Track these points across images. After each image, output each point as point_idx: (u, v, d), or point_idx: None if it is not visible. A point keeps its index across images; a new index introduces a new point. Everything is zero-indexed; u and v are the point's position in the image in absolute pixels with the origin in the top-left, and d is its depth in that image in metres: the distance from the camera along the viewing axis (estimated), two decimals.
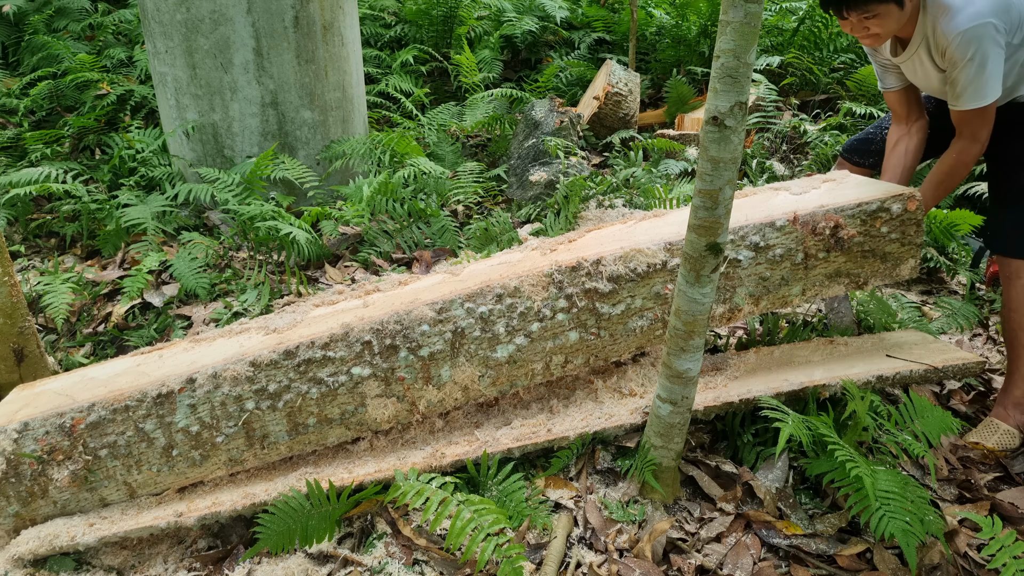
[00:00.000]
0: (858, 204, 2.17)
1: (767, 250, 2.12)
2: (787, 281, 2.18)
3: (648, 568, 1.75)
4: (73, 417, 1.80)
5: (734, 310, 2.16)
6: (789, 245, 2.14)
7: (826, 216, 2.14)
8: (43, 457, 1.80)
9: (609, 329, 2.06)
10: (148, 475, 1.87)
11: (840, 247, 2.17)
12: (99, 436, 1.81)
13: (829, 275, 2.21)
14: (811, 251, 2.16)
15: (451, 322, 1.93)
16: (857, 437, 1.98)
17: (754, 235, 2.11)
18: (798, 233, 2.13)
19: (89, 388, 1.88)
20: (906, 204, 2.19)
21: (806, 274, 2.18)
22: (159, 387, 1.82)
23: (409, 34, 5.91)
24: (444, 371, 1.95)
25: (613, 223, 2.33)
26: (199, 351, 1.95)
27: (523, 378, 2.04)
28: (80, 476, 1.82)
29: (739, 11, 1.40)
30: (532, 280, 2.00)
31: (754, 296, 2.16)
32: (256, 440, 1.90)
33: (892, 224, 2.20)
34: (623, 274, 2.03)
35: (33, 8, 5.37)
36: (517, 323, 1.98)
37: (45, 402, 1.86)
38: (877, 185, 2.30)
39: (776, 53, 5.18)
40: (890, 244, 2.22)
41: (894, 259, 2.25)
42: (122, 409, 1.81)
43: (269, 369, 1.86)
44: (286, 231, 3.04)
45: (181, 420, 1.84)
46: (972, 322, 2.88)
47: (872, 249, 2.22)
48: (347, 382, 1.89)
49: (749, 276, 2.13)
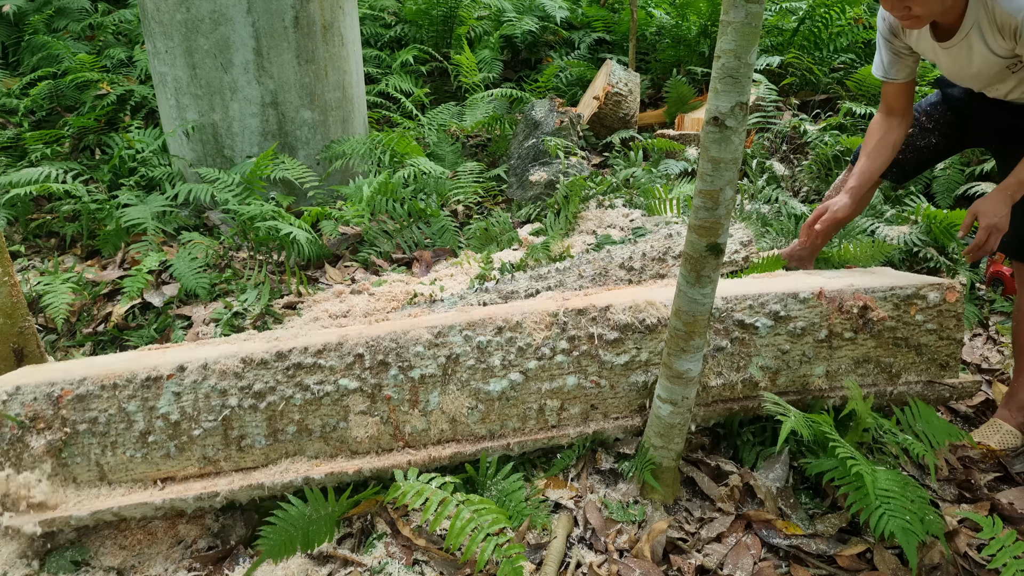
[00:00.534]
0: (891, 287, 2.07)
1: (788, 321, 2.03)
2: (809, 359, 2.07)
3: (648, 568, 1.75)
4: (63, 388, 1.82)
5: (747, 383, 2.05)
6: (812, 319, 2.04)
7: (855, 295, 2.05)
8: (25, 423, 1.81)
9: (611, 380, 1.99)
10: (121, 459, 1.86)
11: (868, 329, 2.06)
12: (82, 410, 1.82)
13: (857, 360, 2.10)
14: (836, 329, 2.05)
15: (447, 347, 1.91)
16: (858, 438, 1.98)
17: (775, 303, 2.02)
18: (823, 308, 2.03)
19: (89, 369, 1.90)
20: (945, 295, 2.08)
21: (831, 354, 2.07)
22: (150, 371, 1.84)
23: (409, 34, 5.91)
24: (433, 396, 1.92)
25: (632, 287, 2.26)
26: (202, 350, 1.96)
27: (515, 419, 1.98)
28: (55, 447, 1.82)
29: (740, 11, 1.40)
30: (536, 317, 1.96)
31: (771, 370, 2.06)
32: (233, 440, 1.88)
33: (928, 313, 2.09)
34: (631, 324, 1.97)
35: (33, 8, 5.37)
36: (514, 358, 1.93)
37: (43, 374, 1.89)
38: (914, 277, 2.21)
39: (776, 53, 5.18)
40: (926, 335, 2.11)
41: (931, 352, 2.13)
42: (110, 387, 1.82)
43: (258, 368, 1.85)
44: (286, 231, 3.04)
45: (163, 406, 1.84)
46: (972, 322, 2.88)
47: (905, 338, 2.10)
48: (333, 392, 1.87)
49: (766, 346, 2.04)
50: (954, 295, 2.09)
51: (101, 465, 1.86)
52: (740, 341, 2.03)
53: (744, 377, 2.04)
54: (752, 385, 2.05)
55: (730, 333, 2.02)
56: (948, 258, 3.34)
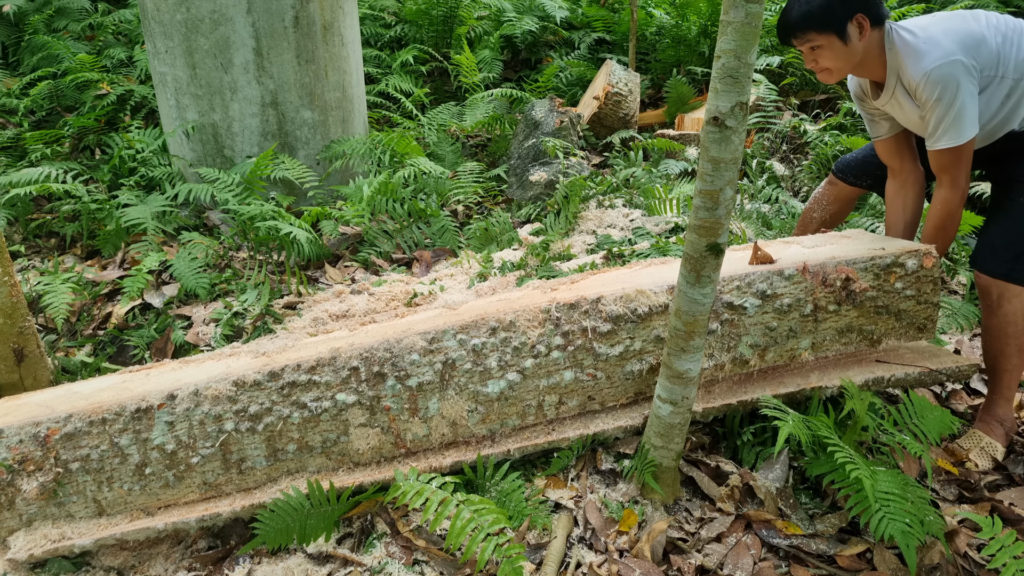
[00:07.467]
0: (871, 258, 2.11)
1: (774, 299, 2.06)
2: (795, 334, 2.10)
3: (648, 568, 1.75)
4: (49, 427, 1.76)
5: (738, 361, 2.09)
6: (798, 295, 2.07)
7: (837, 268, 2.08)
8: (13, 467, 1.75)
9: (606, 371, 2.01)
10: (119, 493, 1.81)
11: (852, 300, 2.10)
12: (73, 448, 1.77)
13: (840, 330, 2.15)
14: (821, 303, 2.09)
15: (442, 352, 1.90)
16: (856, 437, 1.98)
17: (761, 283, 2.05)
18: (807, 283, 2.07)
19: (71, 401, 1.84)
20: (922, 260, 2.13)
21: (816, 327, 2.12)
22: (139, 401, 1.78)
23: (409, 34, 5.91)
24: (432, 403, 1.91)
25: (617, 269, 2.27)
26: (186, 371, 1.92)
27: (514, 417, 1.98)
28: (49, 489, 1.76)
29: (740, 11, 1.40)
30: (528, 315, 1.95)
31: (760, 347, 2.09)
32: (233, 464, 1.85)
33: (907, 280, 2.14)
34: (623, 314, 1.98)
35: (33, 8, 5.37)
36: (510, 358, 1.93)
37: (24, 412, 1.82)
38: (892, 241, 2.25)
39: (776, 53, 5.18)
40: (905, 301, 2.16)
41: (909, 317, 2.19)
42: (99, 422, 1.77)
43: (252, 390, 1.82)
44: (286, 231, 3.04)
45: (157, 437, 1.79)
46: (972, 322, 2.88)
47: (886, 305, 2.15)
48: (331, 408, 1.85)
49: (755, 325, 2.06)
50: (931, 260, 2.14)
51: (99, 501, 1.82)
52: (730, 323, 2.05)
53: (734, 356, 2.07)
54: (742, 363, 2.09)
55: (720, 316, 2.04)
56: (948, 258, 3.34)
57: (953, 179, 2.13)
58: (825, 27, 2.07)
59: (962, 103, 2.01)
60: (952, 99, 2.01)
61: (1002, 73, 2.06)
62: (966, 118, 2.03)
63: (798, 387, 2.09)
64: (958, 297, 3.14)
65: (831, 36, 2.08)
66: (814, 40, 2.10)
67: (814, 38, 2.10)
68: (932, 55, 2.02)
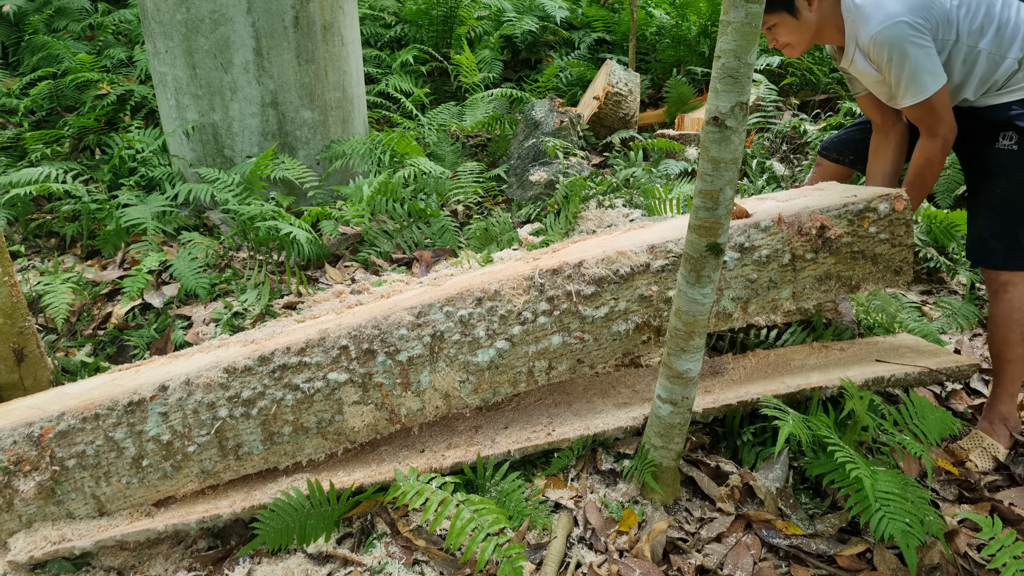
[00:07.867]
0: (844, 204, 2.14)
1: (753, 251, 2.10)
2: (776, 284, 2.14)
3: (648, 568, 1.75)
4: (42, 427, 1.76)
5: (722, 315, 2.12)
6: (775, 246, 2.11)
7: (812, 217, 2.12)
8: (9, 468, 1.75)
9: (593, 333, 2.03)
10: (117, 487, 1.81)
11: (828, 248, 2.14)
12: (67, 446, 1.77)
13: (819, 277, 2.18)
14: (798, 252, 2.13)
15: (430, 326, 1.90)
16: (856, 437, 1.98)
17: (739, 236, 2.09)
18: (784, 234, 2.11)
19: (62, 401, 1.84)
20: (893, 204, 2.16)
21: (795, 276, 2.15)
22: (130, 395, 1.78)
23: (409, 34, 5.91)
24: (424, 376, 1.92)
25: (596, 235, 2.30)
26: (176, 364, 1.92)
27: (506, 385, 2.00)
28: (46, 488, 1.76)
29: (740, 11, 1.40)
30: (512, 283, 1.96)
31: (742, 300, 2.12)
32: (230, 450, 1.85)
33: (880, 224, 2.17)
34: (605, 276, 2.00)
35: (33, 8, 5.37)
36: (498, 327, 1.94)
37: (16, 415, 1.81)
38: (863, 188, 2.28)
39: (776, 53, 5.18)
40: (880, 245, 2.20)
41: (885, 261, 2.23)
42: (92, 418, 1.77)
43: (243, 375, 1.82)
44: (286, 231, 3.04)
45: (152, 429, 1.79)
46: (972, 322, 2.88)
47: (862, 250, 2.19)
48: (323, 388, 1.86)
49: (735, 278, 2.10)
50: (902, 203, 2.17)
51: (97, 496, 1.82)
52: None
53: (717, 310, 2.10)
54: (726, 316, 2.12)
55: None
56: (948, 258, 3.34)
57: (930, 128, 2.16)
58: (772, 6, 2.13)
59: (916, 60, 2.04)
60: (902, 57, 2.04)
61: (955, 37, 2.08)
62: (923, 71, 2.05)
63: (798, 387, 2.09)
64: (958, 297, 3.14)
65: (782, 14, 2.15)
66: (767, 21, 2.17)
67: (767, 19, 2.16)
68: (876, 18, 2.05)
